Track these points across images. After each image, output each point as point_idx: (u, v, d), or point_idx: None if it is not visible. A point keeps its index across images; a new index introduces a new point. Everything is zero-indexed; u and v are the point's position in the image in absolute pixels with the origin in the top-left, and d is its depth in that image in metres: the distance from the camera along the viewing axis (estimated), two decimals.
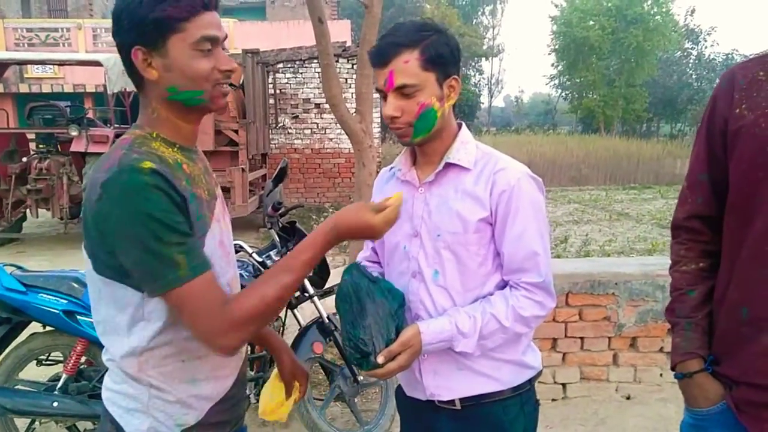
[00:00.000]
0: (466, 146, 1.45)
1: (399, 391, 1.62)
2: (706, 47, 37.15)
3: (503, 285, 1.44)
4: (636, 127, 36.47)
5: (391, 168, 1.58)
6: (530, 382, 1.49)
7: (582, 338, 3.36)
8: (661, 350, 3.40)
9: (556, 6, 35.57)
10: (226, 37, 1.18)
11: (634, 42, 31.37)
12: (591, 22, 32.77)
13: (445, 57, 1.35)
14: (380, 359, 1.31)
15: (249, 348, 2.79)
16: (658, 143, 23.98)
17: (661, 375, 3.43)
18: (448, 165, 1.42)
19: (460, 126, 1.50)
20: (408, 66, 1.32)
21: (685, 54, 37.16)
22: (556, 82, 40.08)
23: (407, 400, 1.56)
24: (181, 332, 1.15)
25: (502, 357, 1.42)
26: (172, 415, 1.19)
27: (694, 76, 36.07)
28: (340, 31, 15.37)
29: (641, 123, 37.25)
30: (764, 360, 1.22)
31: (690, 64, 36.81)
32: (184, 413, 1.20)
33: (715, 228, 1.36)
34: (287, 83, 11.73)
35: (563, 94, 40.90)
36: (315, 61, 10.85)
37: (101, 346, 1.22)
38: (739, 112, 1.25)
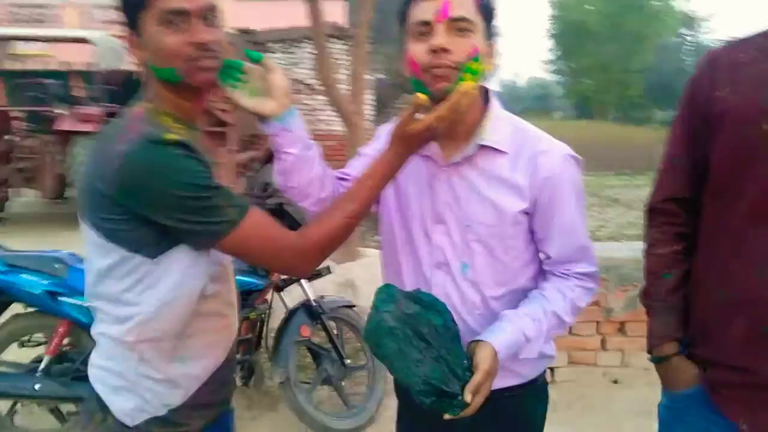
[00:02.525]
0: (500, 123, 1.28)
1: None
2: (702, 34, 37.11)
3: (537, 276, 1.34)
4: (631, 114, 36.49)
5: None
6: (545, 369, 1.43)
7: None
8: None
9: None
10: (210, 8, 1.12)
11: (631, 28, 31.25)
12: (589, 7, 32.59)
13: (493, 14, 1.23)
14: (468, 397, 1.09)
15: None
16: (653, 129, 24.03)
17: (649, 359, 3.42)
18: (481, 147, 1.25)
19: (486, 93, 1.31)
20: (465, 0, 1.17)
21: (681, 40, 37.11)
22: (553, 67, 39.96)
23: None
24: (183, 304, 1.15)
25: None
26: (159, 394, 1.18)
27: (690, 63, 36.01)
28: (335, 12, 15.17)
29: (636, 109, 37.26)
30: (740, 342, 1.22)
31: (686, 51, 36.76)
32: (172, 393, 1.19)
33: (690, 210, 1.35)
34: (280, 63, 11.56)
35: (559, 79, 40.82)
36: (308, 41, 10.73)
37: (84, 328, 1.22)
38: (721, 94, 1.23)
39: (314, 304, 2.92)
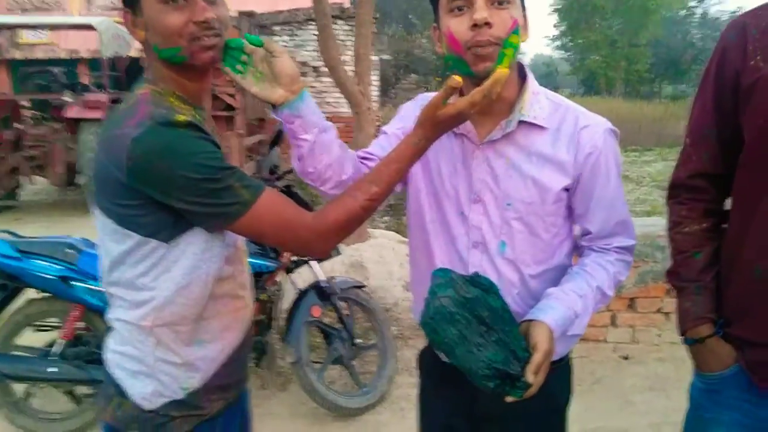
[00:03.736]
0: (538, 98, 1.24)
1: (430, 356, 1.46)
2: (710, 6, 36.51)
3: (571, 251, 1.33)
4: (639, 89, 36.07)
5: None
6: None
7: None
8: (659, 311, 3.40)
9: None
10: None
11: (637, 1, 30.76)
12: None
13: None
14: (531, 378, 1.08)
15: None
16: (661, 104, 23.73)
17: (659, 335, 3.43)
18: (521, 123, 1.21)
19: (521, 69, 1.26)
20: None
21: (690, 13, 36.51)
22: (558, 43, 39.49)
23: (445, 368, 1.28)
24: (200, 287, 1.14)
25: None
26: (177, 377, 1.18)
27: (698, 36, 35.51)
28: None
29: (644, 84, 36.82)
30: None
31: (694, 24, 36.19)
32: (190, 376, 1.19)
33: (719, 186, 1.30)
34: (284, 46, 11.52)
35: (565, 55, 40.35)
36: (312, 23, 10.64)
37: (98, 312, 1.21)
38: (755, 63, 1.16)
39: (325, 284, 2.94)
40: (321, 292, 2.94)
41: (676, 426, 1.47)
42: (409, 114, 1.38)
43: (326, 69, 4.80)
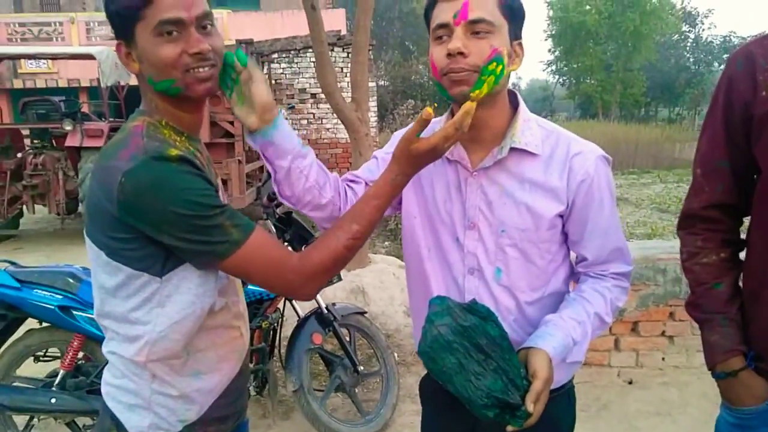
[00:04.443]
0: (529, 125, 1.25)
1: (430, 383, 1.45)
2: (703, 30, 37.12)
3: (568, 278, 1.33)
4: (634, 112, 36.41)
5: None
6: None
7: None
8: (662, 334, 3.38)
9: None
10: (205, 15, 1.09)
11: (631, 26, 31.26)
12: (587, 7, 32.60)
13: (519, 13, 1.19)
14: (531, 407, 1.06)
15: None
16: (657, 127, 23.96)
17: (663, 359, 3.41)
18: (512, 150, 1.22)
19: (513, 97, 1.28)
20: (487, 0, 1.15)
21: (683, 37, 37.06)
22: (554, 67, 39.97)
23: (446, 395, 1.25)
24: (193, 322, 1.13)
25: None
26: (174, 410, 1.17)
27: (691, 60, 36.00)
28: (336, 20, 15.24)
29: (639, 107, 37.19)
30: None
31: (687, 48, 36.69)
32: (187, 408, 1.18)
33: (734, 216, 1.28)
34: (282, 73, 11.65)
35: (561, 80, 40.80)
36: (310, 50, 10.77)
37: (98, 342, 1.20)
38: (766, 95, 1.14)
39: (325, 311, 2.92)
40: (322, 319, 2.92)
41: None
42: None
43: (324, 96, 4.84)
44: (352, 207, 1.19)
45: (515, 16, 1.19)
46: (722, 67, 1.31)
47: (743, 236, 1.31)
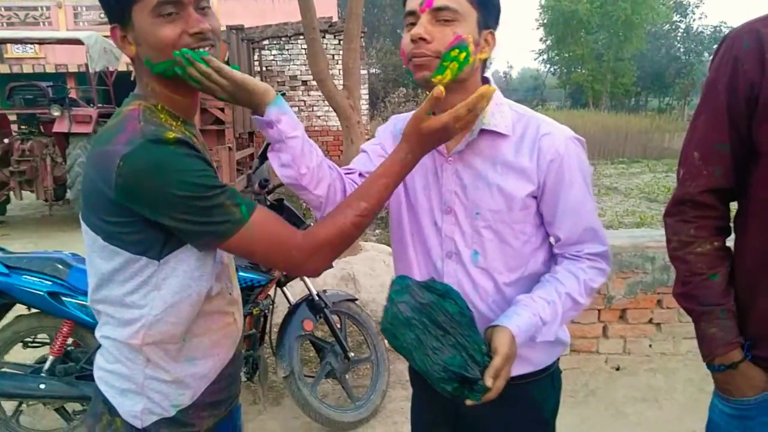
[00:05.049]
0: (500, 108, 1.28)
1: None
2: (694, 20, 37.19)
3: (548, 260, 1.34)
4: (624, 102, 36.53)
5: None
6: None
7: None
8: (650, 321, 3.42)
9: None
10: None
11: (622, 15, 31.26)
12: None
13: (490, 3, 1.22)
14: (489, 381, 1.09)
15: None
16: (647, 117, 24.06)
17: (650, 346, 3.45)
18: (483, 132, 1.26)
19: (487, 83, 1.29)
20: None
21: (673, 27, 37.12)
22: (545, 57, 39.97)
23: None
24: (190, 305, 1.13)
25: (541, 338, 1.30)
26: (167, 395, 1.17)
27: (682, 50, 36.10)
28: (327, 7, 15.13)
29: (629, 97, 37.32)
30: None
31: (678, 38, 36.79)
32: (180, 393, 1.18)
33: (725, 202, 1.26)
34: (273, 60, 11.57)
35: (552, 69, 40.83)
36: (301, 37, 10.70)
37: (88, 328, 1.19)
38: None
39: (316, 298, 2.93)
40: (313, 305, 2.93)
41: None
42: (381, 134, 1.46)
43: (315, 83, 4.82)
44: (360, 185, 1.18)
45: (485, 6, 1.21)
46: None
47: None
